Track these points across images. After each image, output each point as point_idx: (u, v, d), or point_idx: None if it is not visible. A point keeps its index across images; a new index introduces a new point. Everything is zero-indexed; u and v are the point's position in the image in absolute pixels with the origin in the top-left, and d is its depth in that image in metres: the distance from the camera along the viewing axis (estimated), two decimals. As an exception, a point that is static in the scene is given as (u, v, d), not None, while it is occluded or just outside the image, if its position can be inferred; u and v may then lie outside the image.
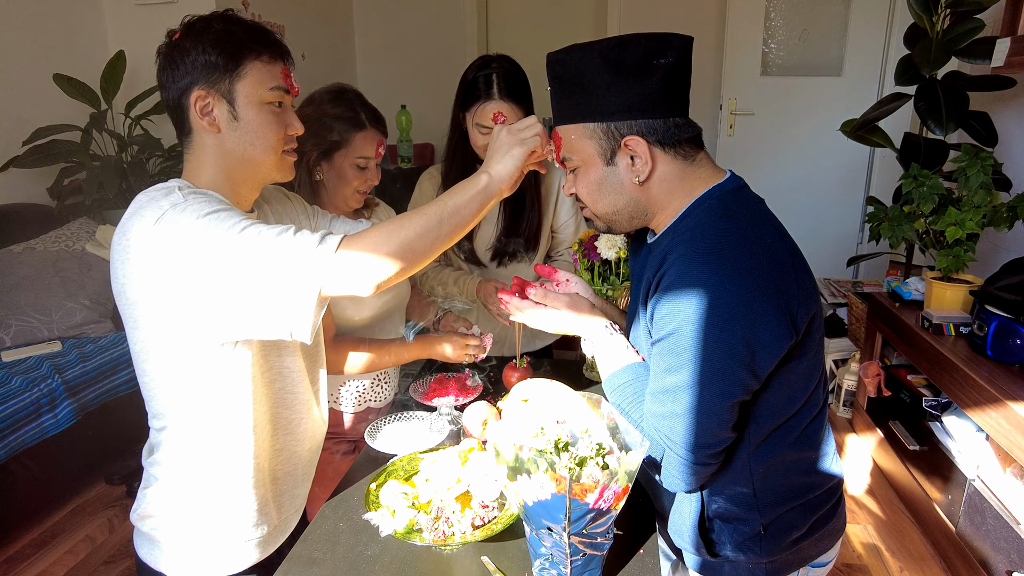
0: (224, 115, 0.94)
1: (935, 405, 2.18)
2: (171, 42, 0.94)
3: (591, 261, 1.51)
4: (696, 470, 0.89)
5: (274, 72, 0.97)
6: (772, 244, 0.87)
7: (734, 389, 0.85)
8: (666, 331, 0.87)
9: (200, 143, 0.96)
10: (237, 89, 0.94)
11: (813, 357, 0.91)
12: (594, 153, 0.94)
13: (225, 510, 1.02)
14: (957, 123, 2.34)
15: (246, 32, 0.95)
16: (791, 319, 0.84)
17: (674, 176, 0.94)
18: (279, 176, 1.01)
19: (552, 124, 1.00)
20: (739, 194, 0.94)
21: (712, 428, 0.86)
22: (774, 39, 3.85)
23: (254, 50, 0.94)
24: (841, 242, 3.85)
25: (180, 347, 0.90)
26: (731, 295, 0.82)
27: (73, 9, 2.94)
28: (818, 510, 0.98)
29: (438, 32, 4.24)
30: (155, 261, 0.85)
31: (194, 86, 0.93)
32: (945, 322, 2.05)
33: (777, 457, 0.93)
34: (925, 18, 2.42)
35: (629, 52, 0.88)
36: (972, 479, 1.84)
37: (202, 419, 0.96)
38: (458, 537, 0.95)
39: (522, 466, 0.82)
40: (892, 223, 2.36)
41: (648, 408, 0.92)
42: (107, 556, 2.02)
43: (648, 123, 0.90)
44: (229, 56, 0.93)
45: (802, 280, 0.87)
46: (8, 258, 2.41)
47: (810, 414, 0.94)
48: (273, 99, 0.97)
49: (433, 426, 1.29)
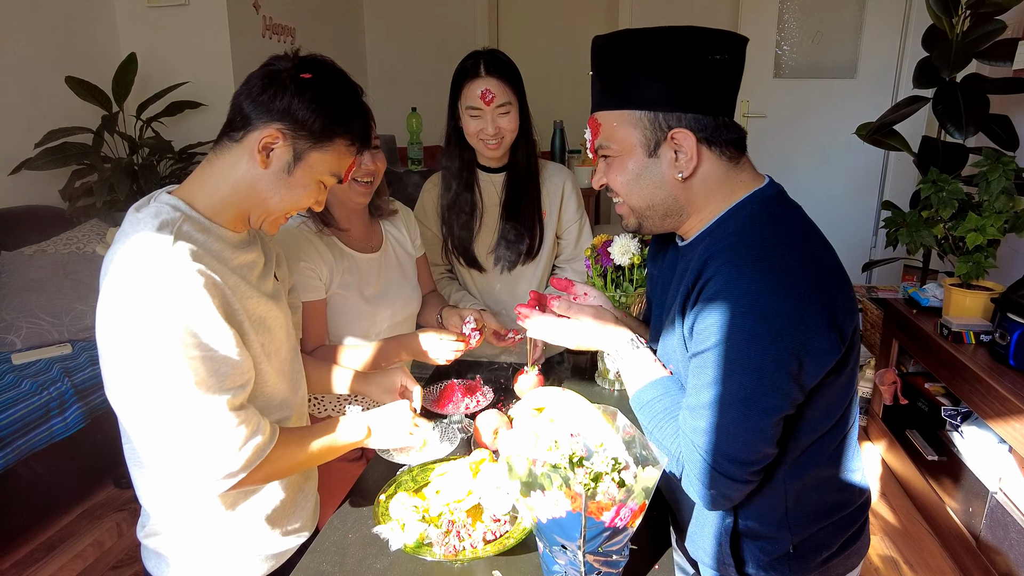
0: (282, 162, 0.92)
1: (954, 415, 2.14)
2: (299, 76, 0.90)
3: (604, 267, 1.48)
4: (737, 487, 0.84)
5: (346, 161, 0.97)
6: (819, 253, 0.84)
7: (782, 403, 0.81)
8: (710, 343, 0.82)
9: (238, 159, 0.92)
10: (310, 156, 0.92)
11: (851, 371, 0.88)
12: (636, 143, 0.90)
13: (231, 526, 1.01)
14: (977, 126, 2.30)
15: (361, 118, 0.96)
16: (839, 330, 0.81)
17: (717, 177, 0.90)
18: (268, 228, 0.99)
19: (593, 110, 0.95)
20: (780, 200, 0.90)
21: (757, 444, 0.82)
22: (787, 41, 3.81)
23: (348, 136, 0.95)
24: (855, 247, 3.80)
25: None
26: (783, 305, 0.78)
27: (85, 11, 2.95)
28: (848, 529, 0.95)
29: (448, 34, 4.23)
30: (110, 326, 0.84)
31: (280, 123, 0.90)
32: (965, 330, 2.01)
33: (811, 474, 0.90)
34: (945, 19, 2.38)
35: (683, 43, 0.85)
36: (994, 491, 1.79)
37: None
38: (469, 552, 0.93)
39: (535, 481, 0.79)
40: (910, 228, 2.32)
41: (687, 423, 0.87)
42: (115, 561, 2.01)
43: (697, 118, 0.87)
44: (326, 126, 0.92)
45: (847, 291, 0.84)
46: (19, 260, 2.42)
47: (844, 429, 0.91)
48: (327, 181, 0.96)
49: (443, 435, 1.26)
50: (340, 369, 1.27)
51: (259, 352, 0.96)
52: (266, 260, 1.04)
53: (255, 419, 0.91)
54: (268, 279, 1.03)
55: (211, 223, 0.92)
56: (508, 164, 1.65)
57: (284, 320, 1.04)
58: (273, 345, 1.00)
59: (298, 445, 0.98)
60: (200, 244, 0.87)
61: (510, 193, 1.65)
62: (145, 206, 0.90)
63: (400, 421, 1.08)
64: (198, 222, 0.90)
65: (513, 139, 1.59)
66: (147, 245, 0.83)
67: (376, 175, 1.37)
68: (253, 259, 0.99)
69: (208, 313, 0.85)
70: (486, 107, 1.51)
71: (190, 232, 0.87)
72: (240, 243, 0.97)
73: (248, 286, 0.94)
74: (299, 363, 1.13)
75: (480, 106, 1.51)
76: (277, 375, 1.02)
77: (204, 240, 0.89)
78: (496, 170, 1.67)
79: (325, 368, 1.26)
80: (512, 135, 1.58)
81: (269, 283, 1.03)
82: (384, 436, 1.07)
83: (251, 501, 1.02)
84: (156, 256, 0.82)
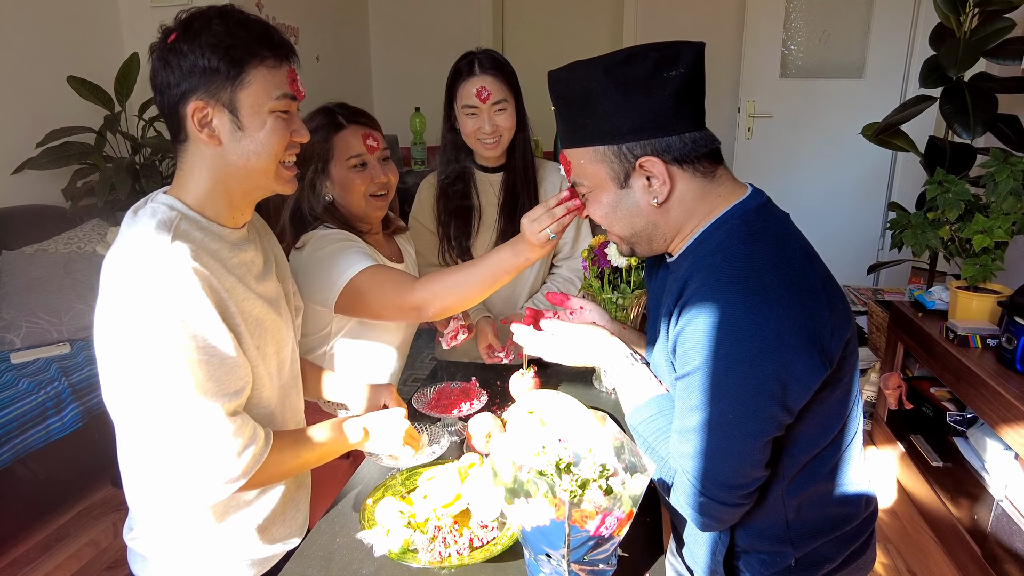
0: (226, 125, 0.87)
1: (960, 420, 2.10)
2: (166, 44, 0.86)
3: (601, 268, 1.46)
4: (728, 511, 0.83)
5: (280, 77, 0.89)
6: (801, 268, 0.81)
7: (766, 427, 0.79)
8: (691, 367, 0.80)
9: (197, 152, 0.90)
10: (240, 99, 0.87)
11: (847, 383, 0.85)
12: (606, 177, 0.88)
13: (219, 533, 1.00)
14: (985, 126, 2.26)
15: (248, 32, 0.87)
16: (824, 351, 0.78)
17: (694, 195, 0.87)
18: (279, 188, 0.95)
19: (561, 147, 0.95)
20: (763, 212, 0.87)
21: (744, 468, 0.80)
22: (794, 40, 3.77)
23: (258, 54, 0.87)
24: (861, 248, 3.76)
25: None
26: (760, 327, 0.76)
27: (88, 11, 2.95)
28: (852, 542, 0.92)
29: (453, 34, 4.22)
30: (109, 328, 0.84)
31: (192, 95, 0.85)
32: (971, 333, 1.97)
33: (812, 488, 0.88)
34: (952, 18, 2.34)
35: (636, 66, 0.82)
36: (1000, 499, 1.76)
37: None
38: (455, 558, 0.91)
39: (520, 488, 0.77)
40: (916, 230, 2.28)
41: (675, 447, 0.86)
42: (110, 561, 2.01)
43: (663, 141, 0.84)
44: (231, 61, 0.85)
45: (834, 305, 0.81)
46: (20, 259, 2.42)
47: (845, 442, 0.89)
48: (280, 108, 0.90)
49: (435, 438, 1.24)
50: (331, 376, 1.26)
51: (254, 355, 0.95)
52: (265, 260, 1.02)
53: (250, 425, 0.90)
54: (267, 281, 1.01)
55: (208, 221, 0.91)
56: (506, 164, 1.64)
57: (282, 323, 1.02)
58: (270, 348, 0.99)
59: (294, 450, 0.97)
60: (198, 243, 0.86)
61: (508, 193, 1.64)
62: (142, 207, 0.89)
63: (396, 428, 1.07)
64: (195, 220, 0.89)
65: (511, 138, 1.58)
66: (145, 245, 0.82)
67: (389, 187, 1.39)
68: (251, 258, 0.97)
69: (207, 314, 0.84)
70: (482, 104, 1.50)
71: (188, 231, 0.86)
72: (239, 241, 0.95)
73: (244, 287, 0.93)
74: (296, 367, 1.11)
75: (476, 104, 1.50)
76: (272, 379, 1.01)
77: (202, 239, 0.88)
78: (494, 170, 1.65)
79: (316, 373, 1.26)
80: (510, 134, 1.56)
81: (269, 285, 1.01)
82: (380, 441, 1.06)
83: (242, 512, 1.01)
84: (154, 256, 0.81)
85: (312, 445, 1.00)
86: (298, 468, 1.00)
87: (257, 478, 0.92)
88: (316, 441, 1.00)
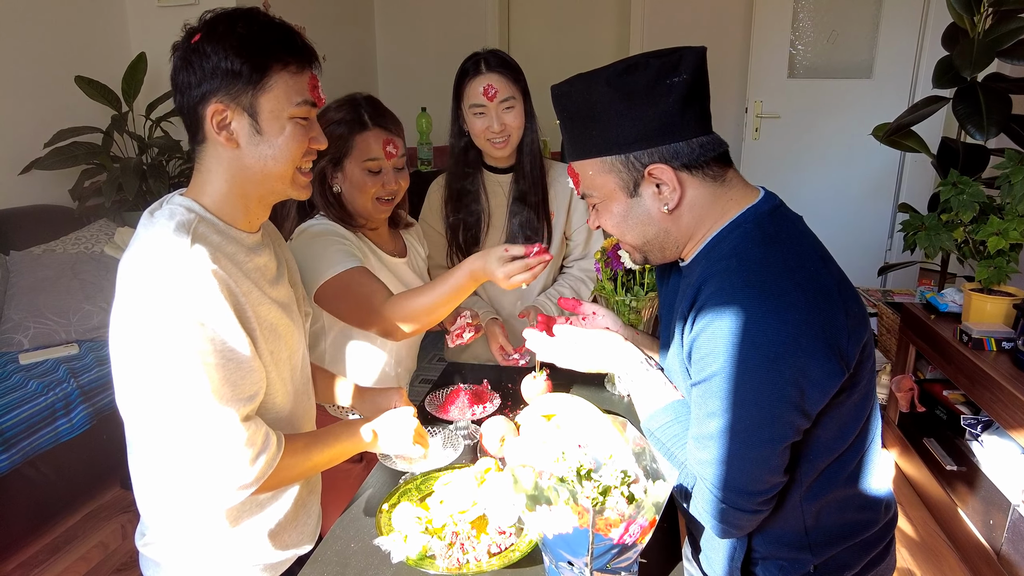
0: (245, 129, 0.87)
1: (974, 423, 2.08)
2: (190, 44, 0.85)
3: (614, 270, 1.45)
4: (747, 517, 0.82)
5: (301, 84, 0.89)
6: (816, 271, 0.80)
7: (785, 432, 0.78)
8: (707, 373, 0.80)
9: (214, 154, 0.89)
10: (261, 103, 0.86)
11: (865, 387, 0.84)
12: (615, 187, 0.88)
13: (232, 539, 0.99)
14: (999, 127, 2.24)
15: (273, 36, 0.86)
16: (841, 354, 0.78)
17: (704, 200, 0.87)
18: (295, 193, 0.94)
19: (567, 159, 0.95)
20: (777, 215, 0.86)
21: (762, 474, 0.80)
22: (802, 40, 3.75)
23: (281, 58, 0.86)
24: (870, 249, 3.74)
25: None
26: (776, 332, 0.75)
27: (95, 11, 2.95)
28: (872, 549, 0.91)
29: (459, 35, 4.21)
30: (126, 330, 0.83)
31: (212, 96, 0.84)
32: (986, 336, 1.95)
33: (830, 494, 0.87)
34: (966, 18, 2.32)
35: (638, 75, 0.81)
36: (1016, 504, 1.74)
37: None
38: (473, 565, 0.90)
39: (542, 495, 0.76)
40: (929, 232, 2.26)
41: (692, 454, 0.85)
42: (119, 564, 2.00)
43: (670, 147, 0.84)
44: (254, 65, 0.84)
45: (850, 308, 0.80)
46: (28, 260, 2.42)
47: (863, 446, 0.88)
48: (299, 114, 0.89)
49: (448, 442, 1.23)
50: (343, 382, 1.26)
51: (268, 360, 0.94)
52: (277, 264, 1.02)
53: (263, 430, 0.90)
54: (280, 285, 1.01)
55: (225, 224, 0.90)
56: (515, 164, 1.63)
57: (294, 328, 1.02)
58: (283, 353, 0.98)
59: (305, 453, 0.97)
60: (216, 246, 0.86)
61: (517, 194, 1.62)
62: (158, 209, 0.88)
63: (406, 427, 1.06)
64: (212, 223, 0.88)
65: (519, 137, 1.57)
66: (164, 247, 0.81)
67: (398, 193, 1.39)
68: (265, 262, 0.97)
69: (226, 316, 0.83)
70: (489, 103, 1.49)
71: (206, 233, 0.86)
72: (254, 245, 0.95)
73: (260, 292, 0.93)
74: (308, 372, 1.11)
75: (483, 102, 1.49)
76: (284, 384, 1.00)
77: (219, 242, 0.87)
78: (503, 170, 1.64)
79: (329, 379, 1.25)
80: (518, 132, 1.55)
81: (282, 290, 1.01)
82: (389, 441, 1.06)
83: (255, 518, 1.00)
84: (174, 258, 0.80)
85: (323, 448, 0.99)
86: (309, 471, 0.99)
87: (269, 482, 0.91)
88: (327, 444, 1.00)
